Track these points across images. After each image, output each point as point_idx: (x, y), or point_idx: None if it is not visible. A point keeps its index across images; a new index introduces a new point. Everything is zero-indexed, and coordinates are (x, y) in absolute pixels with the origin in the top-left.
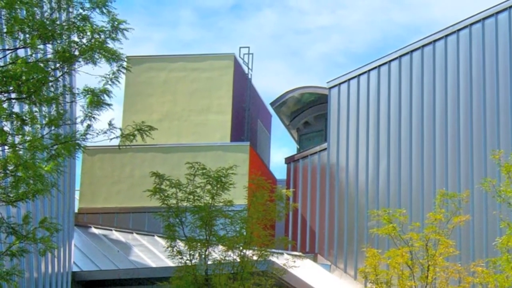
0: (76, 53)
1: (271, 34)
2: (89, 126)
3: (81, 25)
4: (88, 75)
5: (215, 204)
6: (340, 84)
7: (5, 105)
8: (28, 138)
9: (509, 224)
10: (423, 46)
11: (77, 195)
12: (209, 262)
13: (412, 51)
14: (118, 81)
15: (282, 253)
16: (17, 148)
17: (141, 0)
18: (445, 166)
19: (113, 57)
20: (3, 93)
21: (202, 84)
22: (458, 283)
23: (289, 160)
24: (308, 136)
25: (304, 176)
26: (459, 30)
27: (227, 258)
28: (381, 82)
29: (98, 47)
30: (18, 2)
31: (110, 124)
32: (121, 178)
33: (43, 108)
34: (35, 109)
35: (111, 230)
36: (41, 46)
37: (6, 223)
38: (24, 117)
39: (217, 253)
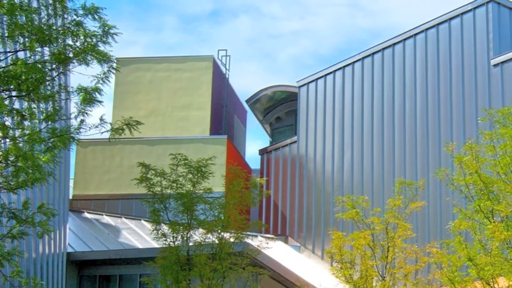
0: (71, 55)
1: (246, 38)
2: (82, 121)
3: (75, 30)
4: (81, 75)
5: (196, 191)
6: (308, 83)
7: (6, 102)
8: (27, 132)
9: (461, 210)
10: (384, 49)
11: (71, 183)
12: (191, 244)
13: (373, 53)
14: (109, 81)
15: (256, 236)
16: (17, 141)
17: (129, 7)
18: (403, 157)
19: (104, 58)
20: (4, 91)
21: (184, 83)
22: (415, 263)
23: (262, 152)
24: (279, 130)
25: (276, 166)
26: (416, 34)
27: (206, 240)
28: (345, 81)
29: (90, 50)
30: (18, 9)
31: (101, 119)
32: (111, 168)
33: (41, 105)
34: (33, 105)
35: (102, 215)
36: (39, 49)
37: (7, 208)
38: (23, 113)
39: (197, 235)
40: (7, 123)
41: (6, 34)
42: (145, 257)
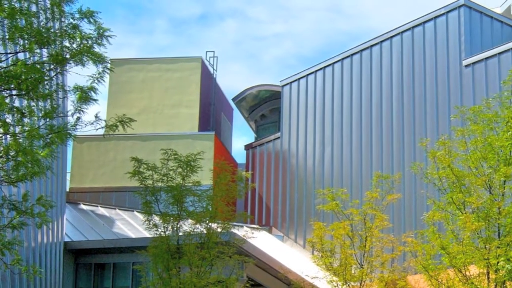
0: (68, 56)
1: (233, 40)
2: (78, 118)
3: (72, 32)
4: (77, 75)
5: (185, 184)
6: (291, 82)
7: (7, 100)
8: (27, 128)
9: (435, 201)
10: (362, 50)
11: (68, 177)
12: (180, 233)
13: (352, 54)
14: (103, 80)
15: (242, 226)
16: (17, 137)
17: (122, 11)
18: (380, 152)
19: (98, 59)
20: (5, 90)
21: (174, 82)
22: (391, 251)
23: (248, 147)
24: (264, 127)
25: (260, 160)
26: (392, 37)
27: (195, 230)
28: (326, 81)
29: (86, 51)
30: (19, 13)
31: (96, 116)
32: (105, 162)
33: (40, 103)
34: (32, 103)
35: (97, 206)
36: (38, 50)
37: (8, 200)
38: (23, 111)
39: (187, 226)
40: (7, 120)
41: (7, 37)
42: (138, 246)
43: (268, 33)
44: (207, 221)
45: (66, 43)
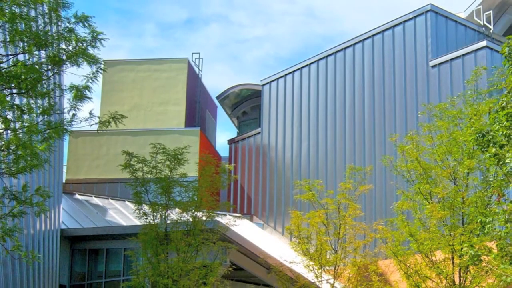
0: (64, 57)
1: (217, 42)
2: (74, 115)
3: (68, 35)
4: (73, 75)
5: (173, 176)
6: (271, 82)
7: (8, 98)
8: (26, 124)
9: (403, 192)
10: (336, 52)
11: (64, 169)
12: (168, 221)
13: (327, 56)
14: (97, 80)
15: (225, 214)
16: (17, 132)
17: (115, 16)
18: (353, 146)
19: (92, 61)
20: (6, 89)
21: (163, 82)
22: (363, 238)
23: (231, 142)
24: (245, 123)
25: (242, 154)
26: (364, 39)
27: (182, 218)
28: (303, 80)
29: (81, 53)
30: (19, 18)
31: (90, 113)
32: (99, 155)
33: (38, 101)
34: (31, 101)
35: (91, 196)
36: (36, 52)
37: (9, 191)
38: (23, 108)
39: (174, 214)
40: (8, 116)
41: (8, 39)
42: (129, 233)
43: (249, 36)
44: (193, 210)
45: (63, 46)
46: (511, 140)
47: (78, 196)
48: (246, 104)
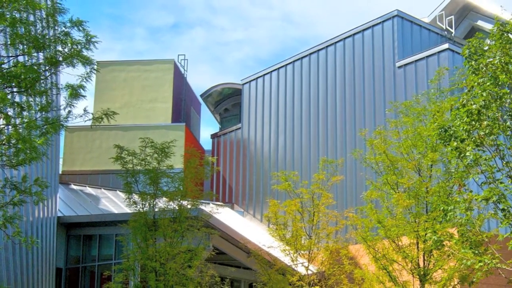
0: (60, 59)
1: (201, 45)
2: (69, 111)
3: (64, 39)
4: (69, 74)
5: (160, 167)
6: (250, 81)
7: (9, 97)
8: (25, 120)
9: (372, 182)
10: (310, 54)
11: (60, 161)
12: (156, 210)
13: (302, 57)
14: (91, 79)
15: (208, 203)
16: (17, 128)
17: (107, 21)
18: (326, 140)
19: (87, 62)
20: (7, 88)
21: (151, 81)
22: (335, 225)
23: (213, 136)
24: (227, 119)
25: (224, 147)
26: (336, 42)
27: (169, 207)
28: (280, 80)
29: (76, 55)
30: (19, 22)
31: (84, 110)
32: (92, 149)
33: (36, 99)
34: (30, 99)
35: (85, 186)
36: (35, 54)
37: (10, 181)
38: (22, 105)
39: (161, 203)
40: (9, 113)
41: (9, 42)
42: (120, 220)
43: (231, 39)
44: (179, 199)
45: (59, 48)
46: (471, 135)
47: (73, 186)
48: (227, 102)
